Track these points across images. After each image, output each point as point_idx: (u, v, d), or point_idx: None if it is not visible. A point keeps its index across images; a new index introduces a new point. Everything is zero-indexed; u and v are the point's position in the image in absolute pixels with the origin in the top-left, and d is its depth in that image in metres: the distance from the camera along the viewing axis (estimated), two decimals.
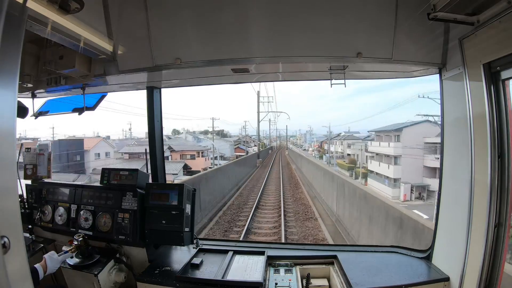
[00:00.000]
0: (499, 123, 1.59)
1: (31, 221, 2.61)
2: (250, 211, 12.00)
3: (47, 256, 1.92)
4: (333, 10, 1.88)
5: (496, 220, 1.62)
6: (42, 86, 2.41)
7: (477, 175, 1.68)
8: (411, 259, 2.26)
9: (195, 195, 2.37)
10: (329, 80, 2.23)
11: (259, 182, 20.95)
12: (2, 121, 0.88)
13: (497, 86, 1.59)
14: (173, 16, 1.98)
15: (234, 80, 2.51)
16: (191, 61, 2.02)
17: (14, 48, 0.93)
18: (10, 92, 0.91)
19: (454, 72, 1.85)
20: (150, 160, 2.67)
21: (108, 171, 2.42)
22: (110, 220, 2.27)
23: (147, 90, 2.61)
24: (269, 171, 28.07)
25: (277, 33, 1.93)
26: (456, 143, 1.91)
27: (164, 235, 2.21)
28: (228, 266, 2.12)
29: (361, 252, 2.43)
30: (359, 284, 1.89)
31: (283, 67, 2.20)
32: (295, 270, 2.17)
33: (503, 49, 1.46)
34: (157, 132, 2.66)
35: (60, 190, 2.56)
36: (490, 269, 1.66)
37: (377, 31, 1.90)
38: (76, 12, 1.59)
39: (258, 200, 14.10)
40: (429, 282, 1.93)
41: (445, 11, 1.54)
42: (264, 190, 17.42)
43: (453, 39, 1.83)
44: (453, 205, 1.94)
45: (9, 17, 0.88)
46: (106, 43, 2.02)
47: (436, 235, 2.11)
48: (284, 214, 11.47)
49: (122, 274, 2.21)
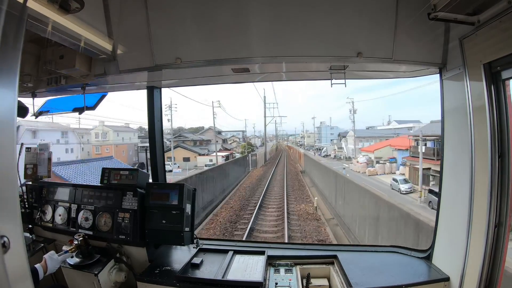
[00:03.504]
0: (499, 123, 1.59)
1: (31, 221, 2.61)
2: None
3: (47, 256, 1.92)
4: (333, 10, 1.88)
5: (496, 220, 1.62)
6: (42, 86, 2.41)
7: (477, 175, 1.68)
8: (411, 259, 2.26)
9: (195, 195, 2.37)
10: (329, 80, 2.23)
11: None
12: (2, 120, 0.88)
13: (497, 86, 1.59)
14: (174, 16, 1.98)
15: (234, 80, 2.51)
16: (191, 61, 2.02)
17: (14, 48, 0.93)
18: (10, 92, 0.91)
19: (454, 72, 1.85)
20: (150, 159, 2.67)
21: (109, 170, 2.42)
22: (110, 220, 2.27)
23: (147, 90, 2.61)
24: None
25: (278, 32, 1.93)
26: (456, 143, 1.91)
27: (164, 234, 2.21)
28: (228, 266, 2.11)
29: (361, 252, 2.43)
30: (359, 284, 1.89)
31: (283, 67, 2.20)
32: (295, 270, 2.16)
33: (503, 49, 1.46)
34: (157, 132, 2.66)
35: (60, 190, 2.56)
36: (490, 269, 1.66)
37: (378, 31, 1.90)
38: (77, 11, 1.59)
39: None
40: (429, 282, 1.93)
41: (446, 11, 1.54)
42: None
43: (453, 39, 1.83)
44: (454, 205, 1.94)
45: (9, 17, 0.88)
46: (106, 42, 2.02)
47: (437, 235, 2.11)
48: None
49: (122, 273, 2.21)
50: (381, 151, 36.75)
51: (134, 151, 47.73)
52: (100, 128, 44.97)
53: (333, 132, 77.12)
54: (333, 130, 78.18)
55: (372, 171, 33.19)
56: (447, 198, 2.02)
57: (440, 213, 2.07)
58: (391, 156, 34.84)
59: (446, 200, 2.03)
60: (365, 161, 35.59)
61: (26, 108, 2.28)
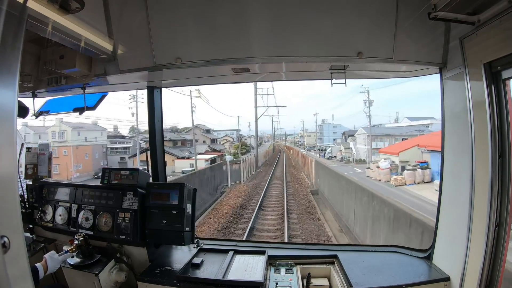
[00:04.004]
0: (499, 123, 1.59)
1: (31, 221, 2.61)
2: None
3: (47, 255, 1.92)
4: (333, 9, 1.88)
5: (497, 220, 1.62)
6: (42, 86, 2.41)
7: (477, 175, 1.68)
8: (411, 258, 2.26)
9: (195, 195, 2.37)
10: (329, 79, 2.23)
11: None
12: (3, 120, 0.88)
13: (497, 86, 1.58)
14: (174, 15, 1.97)
15: (234, 80, 2.51)
16: (191, 61, 2.02)
17: (14, 48, 0.93)
18: (10, 92, 0.91)
19: (454, 72, 1.85)
20: (150, 159, 2.67)
21: (109, 170, 2.43)
22: (111, 220, 2.27)
23: (147, 90, 2.61)
24: None
25: (278, 32, 1.93)
26: (456, 142, 1.91)
27: (164, 234, 2.21)
28: (229, 266, 2.12)
29: (362, 252, 2.43)
30: (360, 284, 1.89)
31: (283, 67, 2.19)
32: (296, 269, 2.16)
33: (504, 48, 1.46)
34: (157, 131, 2.66)
35: (60, 190, 2.56)
36: (491, 268, 1.66)
37: (378, 31, 1.90)
38: (77, 11, 1.59)
39: None
40: (429, 282, 1.93)
41: (446, 11, 1.54)
42: None
43: (453, 39, 1.83)
44: (454, 205, 1.94)
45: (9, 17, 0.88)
46: (106, 42, 2.02)
47: (437, 235, 2.11)
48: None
49: (122, 273, 2.21)
50: (407, 153, 28.34)
51: (102, 154, 40.27)
52: (57, 126, 36.44)
53: (336, 130, 70.41)
54: (336, 129, 70.94)
55: (399, 180, 24.10)
56: (447, 198, 2.02)
57: (440, 213, 2.07)
58: (420, 159, 26.11)
59: (446, 200, 2.03)
60: (388, 167, 26.53)
61: (27, 108, 2.28)
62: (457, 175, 1.90)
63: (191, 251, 2.42)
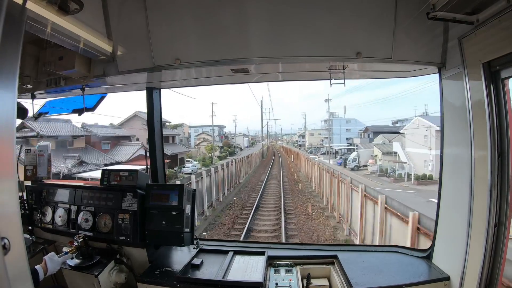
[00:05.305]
0: (499, 122, 1.59)
1: (31, 222, 2.61)
2: None
3: (47, 257, 1.91)
4: (332, 10, 1.88)
5: (496, 219, 1.62)
6: (41, 87, 2.41)
7: (477, 174, 1.68)
8: (411, 258, 2.26)
9: (195, 196, 2.37)
10: (328, 80, 2.23)
11: None
12: (2, 122, 0.88)
13: (496, 85, 1.59)
14: (173, 17, 1.98)
15: (233, 81, 2.51)
16: (190, 62, 2.02)
17: (13, 49, 0.93)
18: (9, 93, 0.91)
19: (453, 72, 1.85)
20: (150, 160, 2.67)
21: (108, 172, 2.42)
22: (110, 221, 2.27)
23: (146, 91, 2.61)
24: None
25: (277, 33, 1.93)
26: (456, 142, 1.91)
27: (164, 235, 2.21)
28: (229, 267, 2.11)
29: (362, 252, 2.43)
30: (360, 284, 1.89)
31: (282, 67, 2.20)
32: (296, 270, 2.16)
33: (502, 48, 1.46)
34: (157, 132, 2.66)
35: (60, 191, 2.56)
36: (491, 268, 1.66)
37: (377, 31, 1.90)
38: (76, 13, 1.59)
39: None
40: (429, 282, 1.93)
41: (445, 11, 1.54)
42: None
43: (452, 39, 1.83)
44: (453, 205, 1.94)
45: (8, 18, 0.88)
46: (105, 43, 2.02)
47: (437, 235, 2.11)
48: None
49: (122, 274, 2.21)
50: None
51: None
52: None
53: (350, 127, 51.86)
54: (351, 125, 52.10)
55: None
56: (447, 198, 2.02)
57: (440, 213, 2.07)
58: None
59: (446, 199, 2.03)
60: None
61: (26, 110, 2.28)
62: (456, 175, 1.90)
63: (190, 252, 2.42)
